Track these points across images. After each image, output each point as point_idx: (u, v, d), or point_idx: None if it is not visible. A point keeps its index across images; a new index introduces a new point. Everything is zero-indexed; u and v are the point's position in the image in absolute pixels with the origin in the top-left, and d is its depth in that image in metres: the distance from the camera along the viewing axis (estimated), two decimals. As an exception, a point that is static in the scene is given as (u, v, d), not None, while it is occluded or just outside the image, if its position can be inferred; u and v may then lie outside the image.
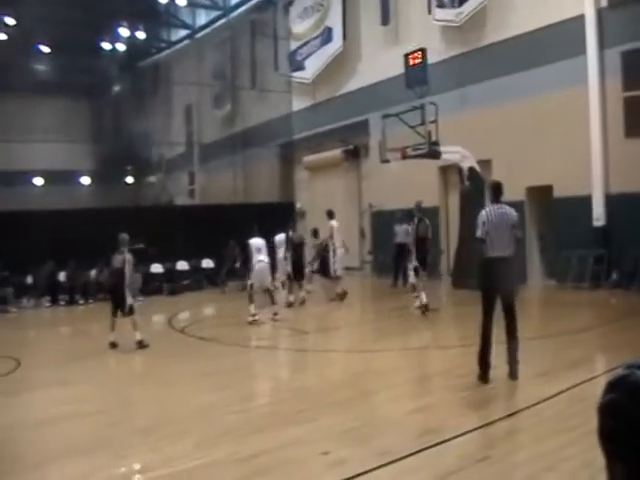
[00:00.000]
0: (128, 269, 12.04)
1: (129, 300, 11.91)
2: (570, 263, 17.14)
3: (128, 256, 12.11)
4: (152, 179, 42.25)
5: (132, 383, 9.11)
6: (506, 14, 19.31)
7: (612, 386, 1.17)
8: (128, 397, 8.33)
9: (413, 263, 14.55)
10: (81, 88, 40.57)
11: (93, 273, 21.30)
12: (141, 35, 35.46)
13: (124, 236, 12.48)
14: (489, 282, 8.02)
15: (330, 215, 16.83)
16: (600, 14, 16.99)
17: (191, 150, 38.38)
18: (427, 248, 14.65)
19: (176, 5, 34.26)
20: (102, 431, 6.86)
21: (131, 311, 11.93)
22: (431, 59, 18.57)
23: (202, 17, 37.92)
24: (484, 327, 7.97)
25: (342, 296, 16.64)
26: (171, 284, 22.58)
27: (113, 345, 11.77)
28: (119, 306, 11.95)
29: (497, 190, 8.38)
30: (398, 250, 18.91)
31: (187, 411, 7.55)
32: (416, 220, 14.78)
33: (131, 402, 8.06)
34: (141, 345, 11.62)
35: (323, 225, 18.13)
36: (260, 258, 14.37)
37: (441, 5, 21.25)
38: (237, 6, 34.11)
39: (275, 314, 14.23)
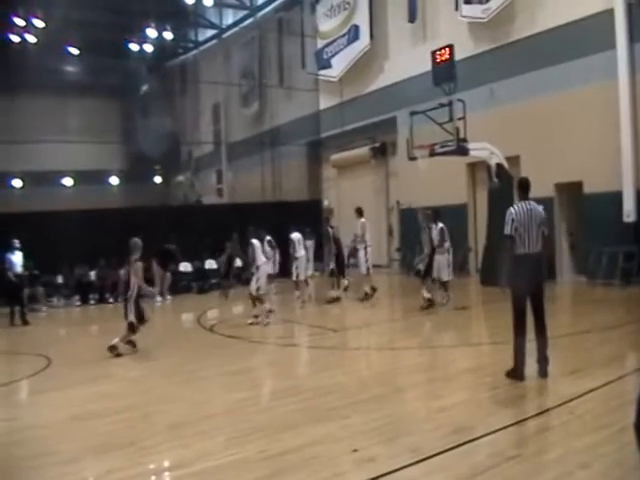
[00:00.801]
0: (135, 282, 11.46)
1: (130, 317, 11.36)
2: (600, 260, 16.97)
3: (136, 266, 11.46)
4: (180, 178, 42.60)
5: (162, 381, 9.17)
6: (534, 9, 19.17)
7: None
8: (159, 394, 8.40)
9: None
10: (110, 89, 41.00)
11: (122, 272, 21.44)
12: (168, 35, 35.72)
13: (136, 241, 11.75)
14: (519, 279, 7.99)
15: (360, 213, 16.76)
16: (630, 8, 16.78)
17: (219, 149, 38.59)
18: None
19: (203, 5, 34.42)
20: (134, 427, 6.93)
21: (132, 329, 11.40)
22: (458, 56, 18.51)
23: (229, 17, 38.15)
24: (518, 323, 7.92)
25: (371, 295, 16.59)
26: (200, 283, 22.75)
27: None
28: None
29: (525, 187, 8.35)
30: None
31: (217, 408, 7.60)
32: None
33: (162, 399, 8.11)
34: (112, 349, 11.10)
35: (350, 223, 18.11)
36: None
37: (468, 1, 21.14)
38: (264, 5, 34.29)
39: (256, 317, 13.91)
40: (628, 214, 16.75)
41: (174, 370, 9.81)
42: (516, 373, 7.85)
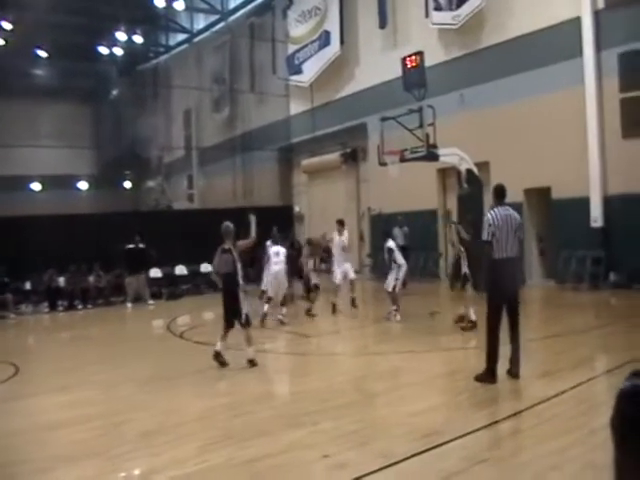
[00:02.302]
0: (240, 270, 10.05)
1: (245, 309, 10.04)
2: (569, 264, 17.17)
3: (235, 253, 10.02)
4: (151, 184, 42.29)
5: (134, 388, 9.07)
6: (503, 17, 19.36)
7: (636, 375, 1.19)
8: (129, 402, 8.30)
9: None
10: (79, 93, 40.72)
11: (92, 278, 21.29)
12: (139, 39, 35.52)
13: (229, 225, 10.21)
14: (496, 283, 8.07)
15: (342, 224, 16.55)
16: (597, 16, 17.06)
17: (190, 154, 38.45)
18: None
19: (174, 9, 34.28)
20: (105, 435, 6.85)
21: (247, 322, 10.09)
22: (429, 62, 18.56)
23: (201, 21, 38.04)
24: (492, 327, 8.00)
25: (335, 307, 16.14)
26: (170, 289, 22.60)
27: (217, 356, 9.92)
28: (233, 316, 10.02)
29: (501, 193, 8.47)
30: None
31: (189, 415, 7.54)
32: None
33: (133, 407, 8.02)
34: (252, 364, 9.81)
35: (320, 228, 18.09)
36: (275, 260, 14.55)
37: (438, 8, 21.31)
38: (235, 10, 34.26)
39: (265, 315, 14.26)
40: (595, 219, 16.97)
41: (145, 377, 9.71)
42: (488, 376, 7.90)
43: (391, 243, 14.77)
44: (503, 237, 8.02)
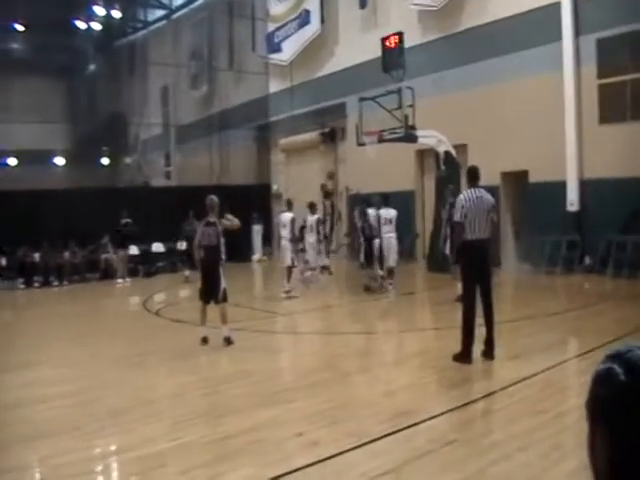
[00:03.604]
0: (223, 245, 10.03)
1: (223, 284, 9.95)
2: (544, 248, 17.30)
3: (220, 227, 9.97)
4: (128, 160, 41.98)
5: (106, 366, 9.04)
6: (483, 0, 19.33)
7: (610, 358, 1.22)
8: (102, 379, 8.29)
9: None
10: (56, 67, 40.19)
11: (67, 254, 21.15)
12: (117, 14, 35.06)
13: (213, 198, 10.12)
14: (468, 264, 8.15)
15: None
16: (576, 1, 17.07)
17: (167, 131, 38.17)
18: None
19: (153, -16, 33.89)
20: (76, 413, 6.83)
21: (224, 298, 10.00)
22: (408, 43, 18.53)
23: (179, -3, 37.59)
24: (467, 307, 8.07)
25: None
26: (147, 266, 22.52)
27: (205, 341, 9.86)
28: (212, 290, 9.98)
29: (474, 175, 8.52)
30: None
31: (162, 393, 7.56)
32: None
33: (105, 384, 8.01)
34: (228, 342, 9.82)
35: (299, 209, 18.05)
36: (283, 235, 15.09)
37: (419, -11, 21.22)
38: (214, -14, 33.86)
39: (287, 292, 14.82)
40: (571, 203, 17.10)
41: (118, 355, 9.69)
42: (464, 356, 7.98)
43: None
44: (475, 218, 8.08)
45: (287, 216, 15.55)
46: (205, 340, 9.82)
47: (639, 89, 15.99)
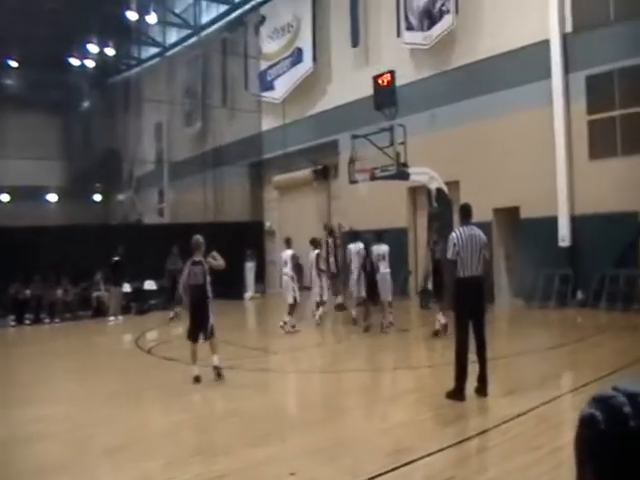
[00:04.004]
0: (209, 283, 10.15)
1: (211, 320, 10.10)
2: (537, 283, 17.35)
3: (206, 266, 10.10)
4: (121, 197, 41.99)
5: (100, 403, 8.98)
6: (474, 38, 19.62)
7: (596, 402, 1.24)
8: (96, 417, 8.22)
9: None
10: (50, 104, 40.41)
11: (59, 292, 21.07)
12: (110, 52, 35.31)
13: (199, 238, 10.28)
14: (462, 302, 8.15)
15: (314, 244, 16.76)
16: (565, 39, 17.36)
17: (161, 168, 38.22)
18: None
19: (147, 23, 34.18)
20: (70, 451, 6.78)
21: (213, 334, 10.11)
22: (400, 81, 18.72)
23: (173, 35, 38.00)
24: (460, 345, 8.07)
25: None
26: (139, 303, 22.43)
27: (197, 380, 9.81)
28: (200, 329, 10.12)
29: (467, 212, 8.58)
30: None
31: (156, 431, 7.49)
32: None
33: (100, 422, 7.94)
34: (218, 372, 9.97)
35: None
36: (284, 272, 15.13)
37: (410, 28, 21.56)
38: (208, 25, 34.30)
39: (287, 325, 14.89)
40: (563, 239, 17.20)
41: (111, 392, 9.62)
42: (457, 394, 7.96)
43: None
44: (468, 256, 8.12)
45: (287, 253, 15.57)
46: (197, 379, 9.80)
47: (628, 124, 16.20)
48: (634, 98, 16.02)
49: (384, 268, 14.71)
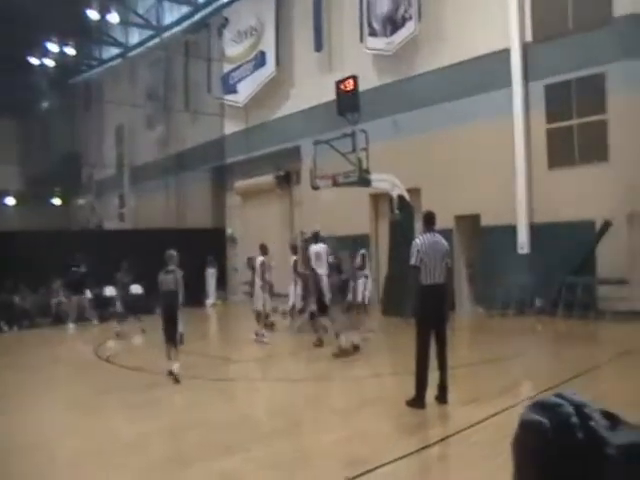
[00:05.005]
0: (181, 291, 10.84)
1: (181, 328, 10.83)
2: (496, 290, 17.50)
3: (179, 274, 10.87)
4: (81, 201, 41.46)
5: (59, 415, 8.85)
6: (436, 45, 19.77)
7: (542, 408, 1.26)
8: (55, 429, 8.10)
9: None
10: (7, 105, 39.64)
11: (17, 299, 20.69)
12: (71, 51, 34.75)
13: (172, 253, 11.12)
14: (424, 309, 8.19)
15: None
16: (525, 48, 17.60)
17: (122, 172, 37.82)
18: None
19: (108, 22, 33.71)
20: (32, 462, 6.67)
21: (182, 341, 10.91)
22: (363, 86, 18.79)
23: (135, 36, 37.59)
24: (421, 353, 8.12)
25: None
26: (99, 311, 22.04)
27: (171, 374, 10.59)
28: (173, 335, 10.75)
29: (430, 219, 8.63)
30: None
31: (117, 443, 7.40)
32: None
33: (58, 434, 7.83)
34: (175, 379, 10.51)
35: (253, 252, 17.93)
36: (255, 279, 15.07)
37: (373, 34, 21.66)
38: (171, 26, 33.99)
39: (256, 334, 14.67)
40: (522, 246, 17.42)
41: (70, 404, 9.49)
42: (417, 402, 8.00)
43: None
44: (430, 263, 8.17)
45: (259, 260, 15.40)
46: (171, 373, 10.51)
47: (586, 133, 16.46)
48: (591, 107, 16.30)
49: (319, 268, 14.64)
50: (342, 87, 18.64)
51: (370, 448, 6.71)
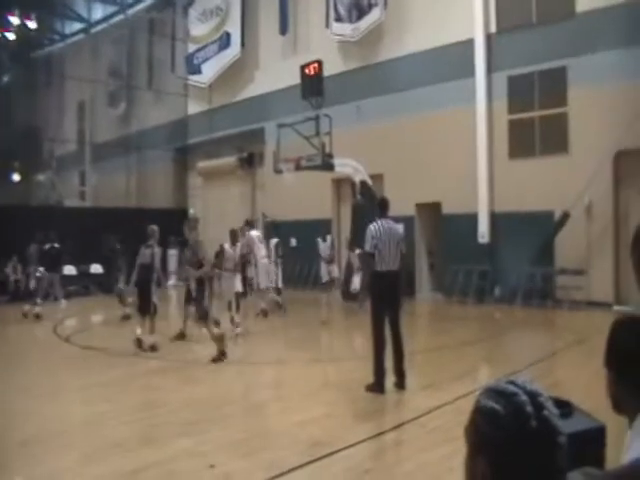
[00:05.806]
0: (157, 264, 11.90)
1: (154, 299, 11.82)
2: (456, 278, 17.73)
3: (157, 250, 11.92)
4: (41, 177, 40.74)
5: (13, 394, 8.75)
6: (401, 33, 19.85)
7: (497, 395, 1.31)
8: (8, 409, 8.01)
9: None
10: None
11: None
12: (33, 25, 34.07)
13: (154, 227, 12.13)
14: (379, 294, 8.26)
15: (250, 225, 16.14)
16: (489, 39, 17.77)
17: (83, 149, 37.26)
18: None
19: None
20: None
21: (155, 311, 11.86)
22: (328, 71, 18.74)
23: (99, 11, 36.96)
24: (378, 339, 8.17)
25: (265, 312, 15.71)
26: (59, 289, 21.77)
27: (153, 348, 11.47)
28: (145, 306, 11.73)
29: (384, 206, 8.72)
30: None
31: (73, 423, 7.36)
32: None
33: (12, 414, 7.75)
34: (153, 349, 11.45)
35: (215, 234, 17.88)
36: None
37: (339, 19, 21.65)
38: (135, 3, 33.48)
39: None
40: (482, 235, 17.65)
41: (26, 383, 9.39)
42: (376, 386, 8.09)
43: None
44: (385, 250, 8.22)
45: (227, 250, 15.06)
46: (139, 341, 11.40)
47: (546, 125, 16.70)
48: (552, 100, 16.53)
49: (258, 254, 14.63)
50: (307, 71, 18.56)
51: (328, 432, 6.72)
